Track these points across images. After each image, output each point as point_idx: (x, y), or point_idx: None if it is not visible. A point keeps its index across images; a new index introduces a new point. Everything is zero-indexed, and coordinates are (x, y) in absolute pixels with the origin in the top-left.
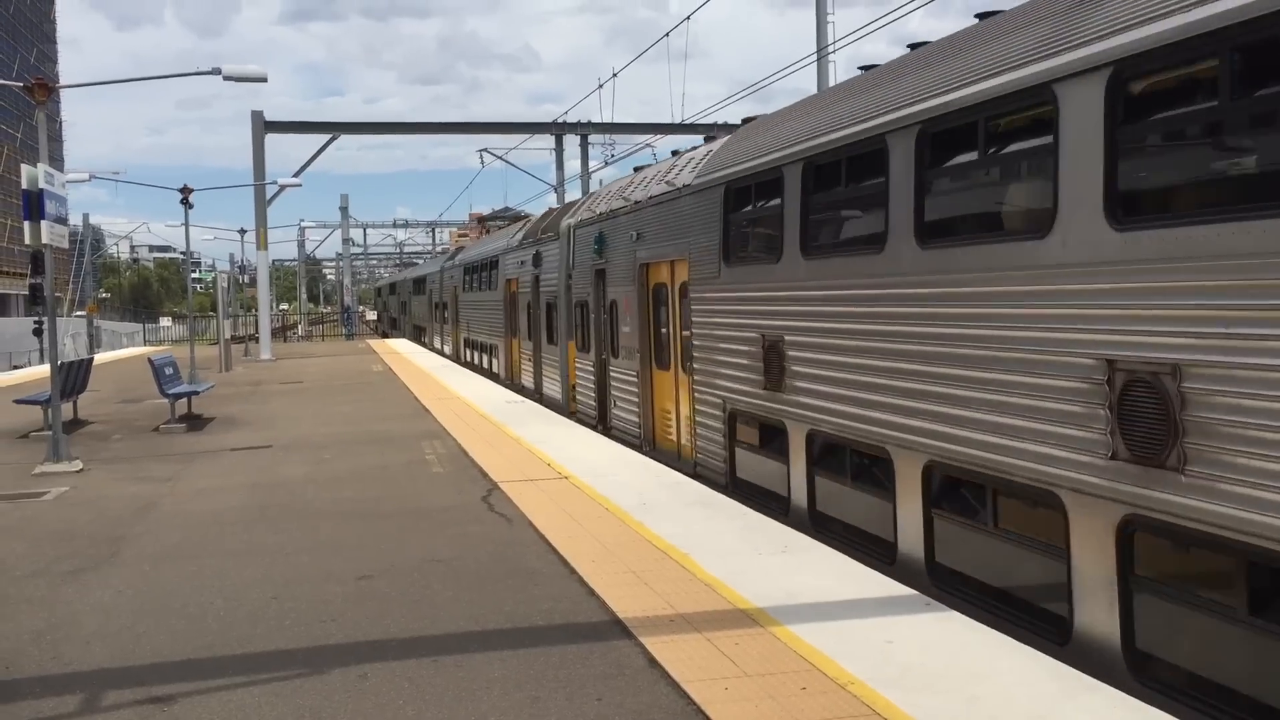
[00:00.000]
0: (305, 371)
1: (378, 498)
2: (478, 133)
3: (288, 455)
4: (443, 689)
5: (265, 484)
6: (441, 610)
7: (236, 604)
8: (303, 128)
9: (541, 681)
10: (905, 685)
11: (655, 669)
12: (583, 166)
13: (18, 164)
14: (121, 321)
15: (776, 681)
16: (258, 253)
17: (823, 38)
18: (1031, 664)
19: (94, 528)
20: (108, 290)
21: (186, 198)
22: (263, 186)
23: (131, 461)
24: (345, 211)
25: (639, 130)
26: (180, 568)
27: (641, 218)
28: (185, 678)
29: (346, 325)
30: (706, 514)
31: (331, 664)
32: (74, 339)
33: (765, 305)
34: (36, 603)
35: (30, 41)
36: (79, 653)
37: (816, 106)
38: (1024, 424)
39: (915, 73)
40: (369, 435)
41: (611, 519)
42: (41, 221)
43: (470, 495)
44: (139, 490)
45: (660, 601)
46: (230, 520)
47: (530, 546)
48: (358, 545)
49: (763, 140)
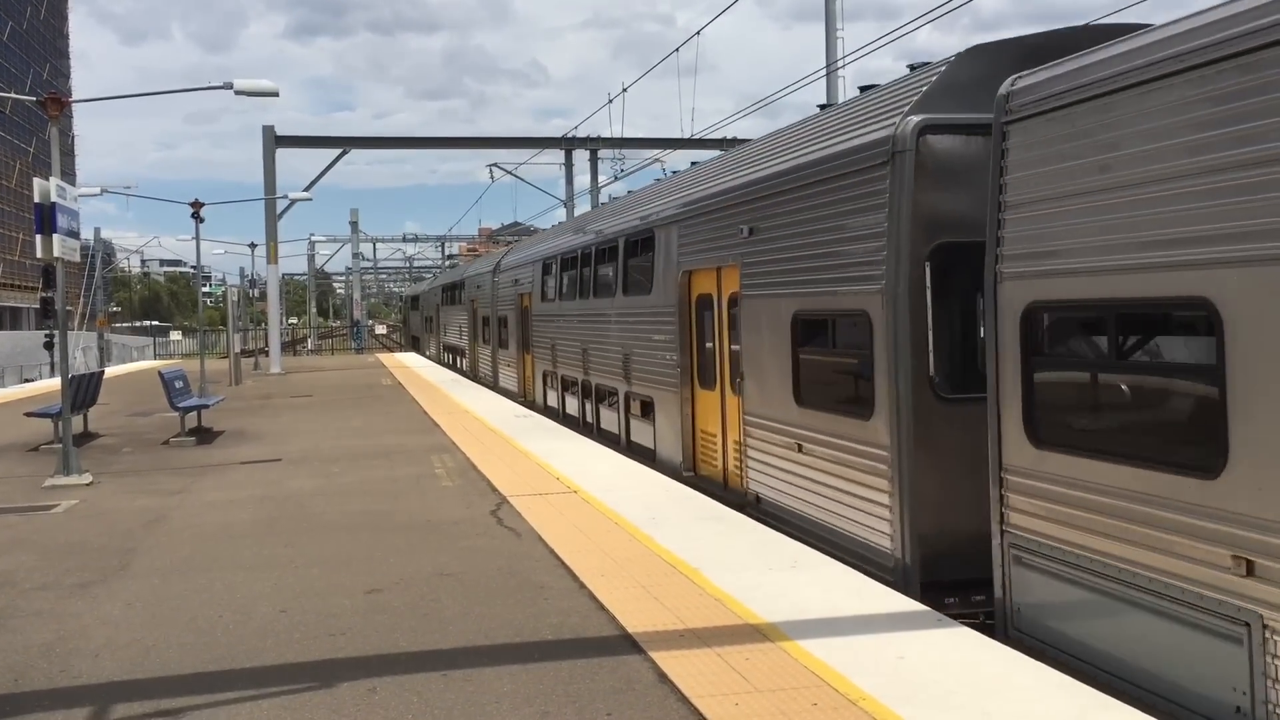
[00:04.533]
0: (315, 385)
1: (387, 511)
2: (488, 147)
3: (297, 469)
4: (452, 703)
5: (275, 497)
6: (451, 624)
7: (246, 617)
8: (313, 142)
9: (551, 696)
10: (917, 701)
11: (665, 684)
12: (592, 181)
13: (30, 178)
14: (132, 335)
15: (787, 697)
16: (268, 266)
17: (832, 53)
18: (1045, 680)
19: (103, 541)
20: (118, 304)
21: (197, 212)
22: (273, 201)
23: (141, 474)
24: (355, 226)
25: (648, 145)
26: (190, 581)
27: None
28: (194, 691)
29: (355, 339)
30: (716, 529)
31: (341, 678)
32: (84, 352)
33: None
34: (46, 615)
35: (43, 57)
36: (88, 666)
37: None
38: None
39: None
40: (378, 449)
41: (620, 533)
42: (54, 235)
43: (479, 509)
44: (149, 503)
45: (670, 616)
46: (240, 533)
47: (539, 560)
48: (367, 558)
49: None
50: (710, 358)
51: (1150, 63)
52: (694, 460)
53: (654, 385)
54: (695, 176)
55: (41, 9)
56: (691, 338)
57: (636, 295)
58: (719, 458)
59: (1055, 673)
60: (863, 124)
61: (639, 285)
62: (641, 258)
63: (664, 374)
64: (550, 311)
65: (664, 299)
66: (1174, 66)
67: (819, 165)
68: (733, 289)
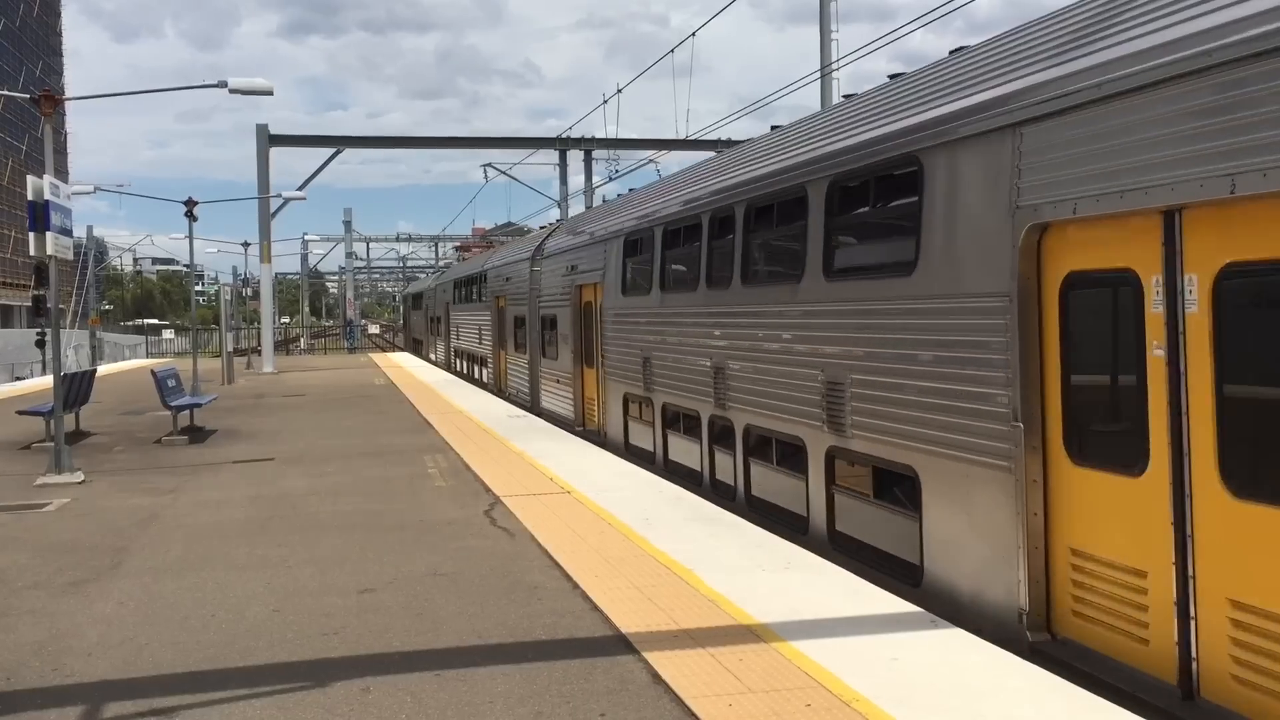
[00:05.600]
0: (308, 385)
1: (380, 511)
2: (482, 148)
3: (290, 468)
4: (445, 703)
5: (268, 496)
6: (444, 624)
7: (239, 616)
8: (307, 141)
9: (545, 696)
10: (911, 703)
11: (659, 685)
12: (586, 182)
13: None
14: (124, 333)
15: (781, 698)
16: (261, 266)
17: (826, 55)
18: (1037, 682)
19: (96, 539)
20: (111, 302)
21: (191, 210)
22: (267, 200)
23: (134, 473)
24: (349, 225)
25: (643, 145)
26: (182, 580)
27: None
28: (187, 690)
29: (349, 339)
30: (710, 530)
31: (334, 677)
32: (77, 351)
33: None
34: (38, 614)
35: (36, 54)
36: (80, 665)
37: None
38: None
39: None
40: (371, 448)
41: (614, 533)
42: (46, 233)
43: (473, 509)
44: (141, 502)
45: (664, 617)
46: (232, 532)
47: (533, 560)
48: (360, 558)
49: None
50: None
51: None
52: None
53: (917, 447)
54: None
55: (35, 6)
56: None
57: (877, 279)
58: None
59: (1048, 675)
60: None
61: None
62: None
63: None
64: (643, 310)
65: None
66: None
67: None
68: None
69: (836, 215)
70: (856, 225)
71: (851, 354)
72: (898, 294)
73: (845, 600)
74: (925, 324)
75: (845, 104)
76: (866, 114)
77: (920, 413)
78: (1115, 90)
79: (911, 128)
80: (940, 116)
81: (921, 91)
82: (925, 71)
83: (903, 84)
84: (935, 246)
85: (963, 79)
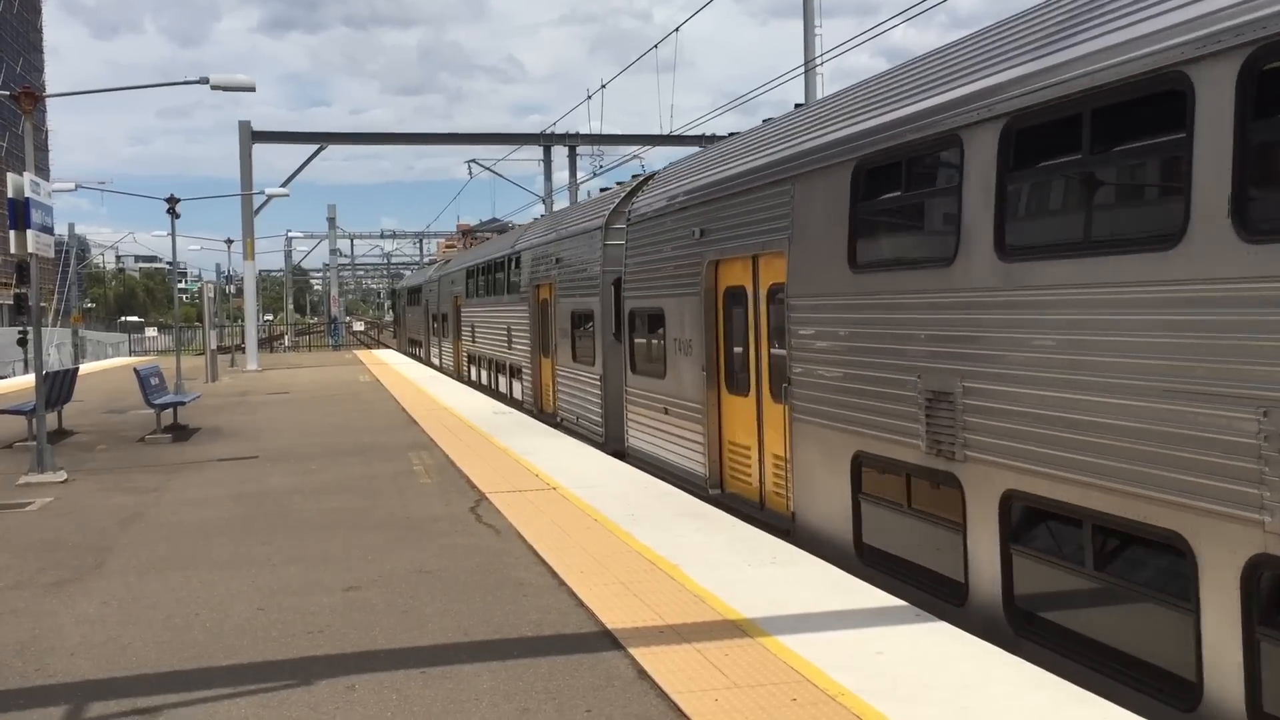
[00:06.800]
0: (292, 382)
1: (365, 508)
2: (466, 144)
3: (274, 466)
4: (431, 700)
5: (252, 494)
6: (429, 621)
7: (223, 615)
8: (290, 138)
9: (530, 693)
10: (896, 696)
11: (645, 680)
12: (571, 177)
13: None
14: (107, 331)
15: (766, 693)
16: (245, 263)
17: (810, 50)
18: (1021, 675)
19: (79, 538)
20: (93, 300)
21: (173, 208)
22: (250, 197)
23: (117, 472)
24: (333, 222)
25: (627, 141)
26: (166, 579)
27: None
28: (171, 689)
29: (333, 336)
30: (695, 525)
31: (319, 675)
32: (59, 349)
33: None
34: (20, 614)
35: (16, 50)
36: (63, 664)
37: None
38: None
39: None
40: (356, 446)
41: (600, 530)
42: (27, 230)
43: (458, 506)
44: (124, 501)
45: (649, 612)
46: (216, 531)
47: (519, 557)
48: (345, 556)
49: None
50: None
51: None
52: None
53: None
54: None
55: (15, 2)
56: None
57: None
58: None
59: (1032, 668)
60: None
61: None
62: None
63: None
64: (923, 292)
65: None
66: None
67: None
68: None
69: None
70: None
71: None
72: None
73: (830, 595)
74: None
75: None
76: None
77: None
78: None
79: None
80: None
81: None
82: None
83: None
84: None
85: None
